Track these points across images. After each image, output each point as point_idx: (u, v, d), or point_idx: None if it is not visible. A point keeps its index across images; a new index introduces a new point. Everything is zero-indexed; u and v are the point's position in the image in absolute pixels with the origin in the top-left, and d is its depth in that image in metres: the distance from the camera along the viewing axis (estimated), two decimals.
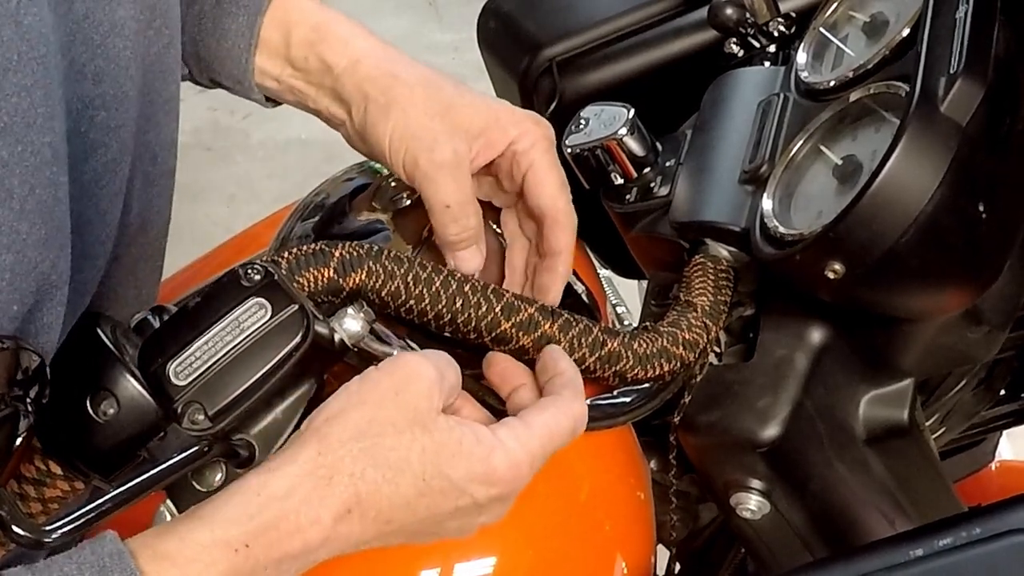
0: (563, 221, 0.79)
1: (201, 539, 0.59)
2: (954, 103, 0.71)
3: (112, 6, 0.66)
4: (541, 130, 0.80)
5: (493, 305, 0.73)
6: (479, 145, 0.78)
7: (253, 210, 1.81)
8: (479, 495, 0.65)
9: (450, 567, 0.79)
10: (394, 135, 0.77)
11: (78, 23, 0.63)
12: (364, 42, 0.81)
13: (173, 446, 0.62)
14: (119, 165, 0.68)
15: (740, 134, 0.88)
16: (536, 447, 0.67)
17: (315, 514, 0.61)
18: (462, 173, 0.76)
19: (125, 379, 0.62)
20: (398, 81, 0.78)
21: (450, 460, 0.64)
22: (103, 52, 0.65)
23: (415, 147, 0.76)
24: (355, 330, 0.69)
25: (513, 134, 0.78)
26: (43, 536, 0.56)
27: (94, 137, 0.66)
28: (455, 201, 0.76)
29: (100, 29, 0.65)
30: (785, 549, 0.87)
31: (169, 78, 0.74)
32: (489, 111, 0.79)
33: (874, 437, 0.84)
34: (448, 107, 0.78)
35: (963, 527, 0.69)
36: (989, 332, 0.85)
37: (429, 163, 0.76)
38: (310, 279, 0.68)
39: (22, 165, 0.56)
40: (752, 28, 0.98)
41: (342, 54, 0.80)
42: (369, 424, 0.63)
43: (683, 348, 0.79)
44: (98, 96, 0.65)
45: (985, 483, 1.20)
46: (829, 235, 0.73)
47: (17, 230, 0.56)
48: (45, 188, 0.58)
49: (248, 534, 0.59)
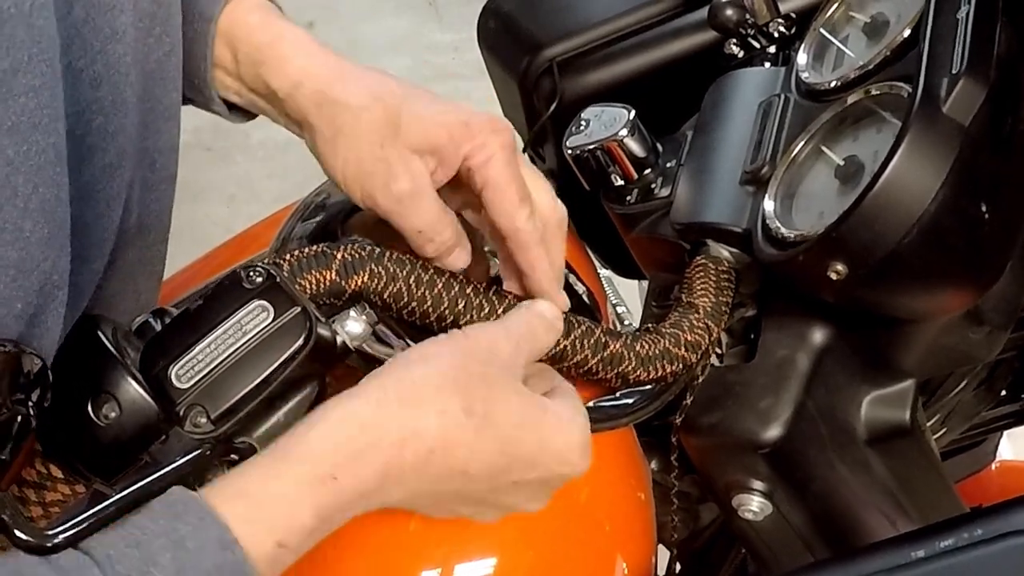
0: (524, 239, 0.74)
1: (288, 474, 0.58)
2: (956, 103, 0.71)
3: (112, 13, 0.65)
4: (498, 139, 0.73)
5: (496, 307, 0.73)
6: (433, 163, 0.74)
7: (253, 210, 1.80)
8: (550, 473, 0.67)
9: (450, 567, 0.79)
10: (347, 171, 0.74)
11: (77, 27, 0.63)
12: (304, 61, 0.76)
13: (175, 449, 0.62)
14: (117, 170, 0.68)
15: (741, 135, 0.88)
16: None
17: (399, 448, 0.60)
18: (424, 197, 0.73)
19: (127, 382, 0.62)
20: (339, 107, 0.74)
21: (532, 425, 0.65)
22: (102, 58, 0.65)
23: (370, 183, 0.73)
24: (357, 332, 0.69)
25: (466, 149, 0.73)
26: (45, 540, 0.56)
27: (91, 141, 0.66)
28: (425, 225, 0.73)
29: (99, 35, 0.65)
30: (786, 550, 0.87)
31: (170, 85, 0.73)
32: (440, 127, 0.73)
33: (876, 438, 0.84)
34: (396, 128, 0.73)
35: (964, 528, 0.69)
36: (990, 333, 0.85)
37: (387, 198, 0.72)
38: (312, 281, 0.68)
39: (27, 164, 0.56)
40: (752, 29, 0.98)
41: (284, 77, 0.76)
42: (461, 371, 0.64)
43: (685, 349, 0.79)
44: (96, 101, 0.65)
45: (986, 483, 1.20)
46: (831, 236, 0.73)
47: (21, 228, 0.57)
48: (48, 188, 0.58)
49: (336, 466, 0.59)
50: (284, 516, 0.58)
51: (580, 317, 0.77)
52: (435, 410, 0.62)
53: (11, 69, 0.55)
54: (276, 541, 0.58)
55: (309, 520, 0.59)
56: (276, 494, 0.58)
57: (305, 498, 0.58)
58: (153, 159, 0.73)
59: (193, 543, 0.55)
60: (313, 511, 0.59)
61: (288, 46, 0.77)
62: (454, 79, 0.96)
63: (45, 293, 0.59)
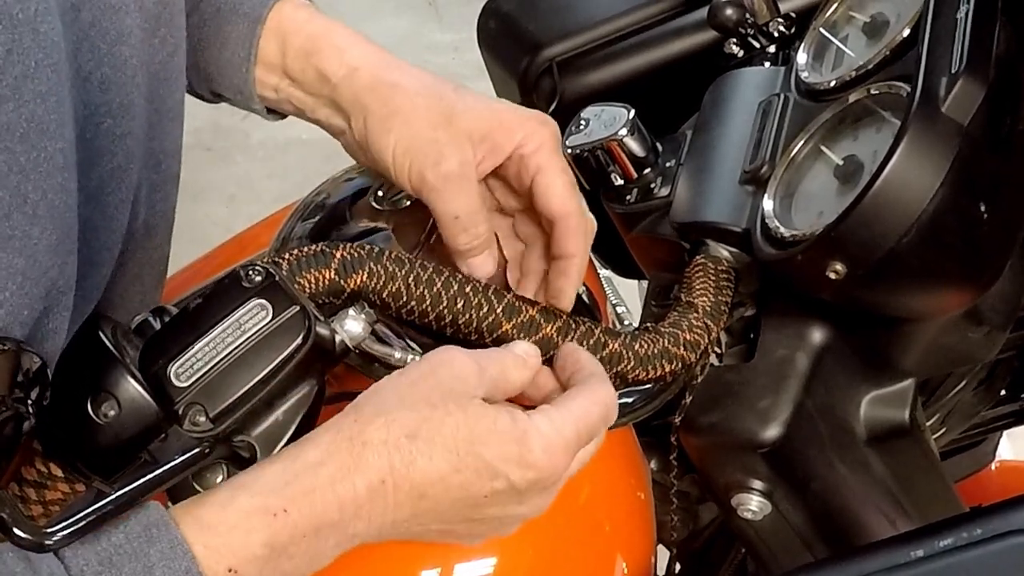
0: (574, 224, 0.76)
1: (241, 506, 0.60)
2: (955, 103, 0.71)
3: (119, 15, 0.65)
4: (548, 130, 0.78)
5: (494, 306, 0.73)
6: (484, 150, 0.76)
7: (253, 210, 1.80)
8: (515, 477, 0.64)
9: (450, 567, 0.79)
10: (397, 148, 0.76)
11: (84, 31, 0.63)
12: (361, 50, 0.79)
13: (174, 448, 0.62)
14: (125, 173, 0.68)
15: (740, 134, 0.88)
16: (570, 432, 0.66)
17: (350, 481, 0.61)
18: (469, 183, 0.75)
19: (126, 381, 0.62)
20: (398, 91, 0.77)
21: (484, 437, 0.64)
22: (109, 60, 0.65)
23: (420, 161, 0.75)
24: (356, 331, 0.69)
25: (519, 137, 0.77)
26: (44, 539, 0.56)
27: (100, 144, 0.66)
28: (464, 212, 0.75)
29: (107, 37, 0.65)
30: (786, 550, 0.87)
31: (174, 86, 0.73)
32: (493, 115, 0.77)
33: (875, 437, 0.84)
34: (451, 115, 0.76)
35: (964, 528, 0.69)
36: (990, 332, 0.85)
37: (436, 176, 0.74)
38: (311, 280, 0.68)
39: (36, 171, 0.56)
40: (752, 28, 0.98)
41: (339, 63, 0.79)
42: (403, 398, 0.64)
43: (684, 349, 0.79)
44: (104, 104, 0.65)
45: (985, 483, 1.20)
46: (830, 235, 0.73)
47: (29, 235, 0.57)
48: (57, 194, 0.58)
49: (286, 499, 0.60)
50: (237, 545, 0.59)
51: (579, 317, 0.77)
52: (378, 441, 0.62)
53: (21, 75, 0.55)
54: (227, 567, 0.59)
55: (260, 550, 0.60)
56: (230, 523, 0.60)
57: (256, 529, 0.60)
58: (159, 160, 0.74)
59: (161, 573, 0.57)
60: (264, 542, 0.60)
61: (341, 37, 0.80)
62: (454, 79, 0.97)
63: (51, 298, 0.60)
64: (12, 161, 0.55)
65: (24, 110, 0.55)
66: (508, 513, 0.67)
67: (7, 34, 0.54)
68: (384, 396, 0.64)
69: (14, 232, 0.56)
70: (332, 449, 0.62)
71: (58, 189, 0.58)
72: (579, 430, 0.67)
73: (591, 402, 0.68)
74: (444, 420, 0.63)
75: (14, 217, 0.56)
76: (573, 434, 0.66)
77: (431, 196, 0.75)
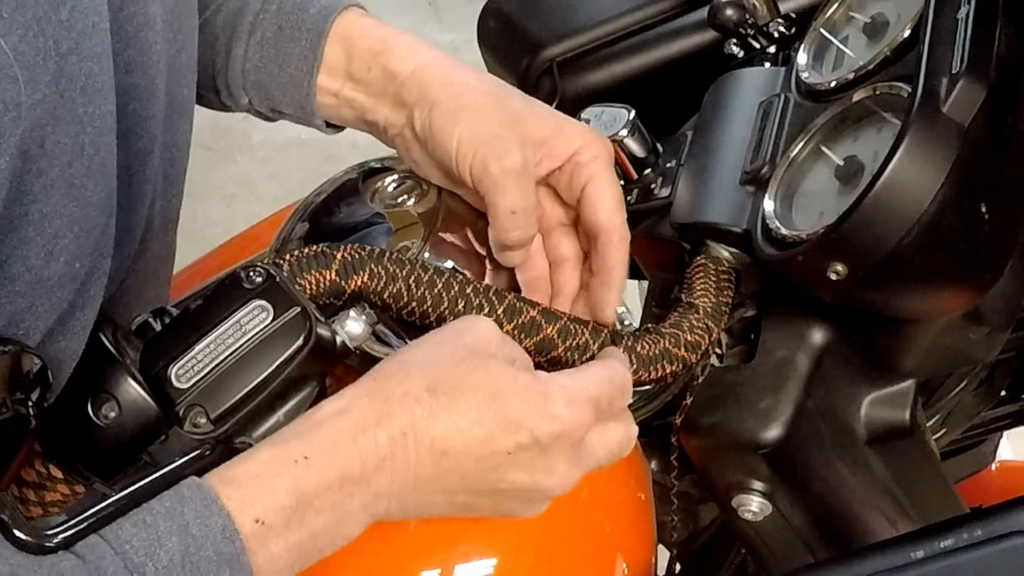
0: (618, 238, 0.79)
1: (262, 455, 0.60)
2: (956, 104, 0.71)
3: (145, 2, 0.68)
4: (604, 145, 0.81)
5: (495, 307, 0.72)
6: (542, 153, 0.79)
7: (253, 210, 1.80)
8: (539, 431, 0.64)
9: (450, 567, 0.79)
10: (463, 138, 0.77)
11: (114, 13, 0.64)
12: (430, 52, 0.82)
13: (175, 449, 0.62)
14: (149, 156, 0.70)
15: (741, 135, 0.88)
16: (592, 389, 0.67)
17: (371, 433, 0.61)
18: (528, 180, 0.77)
19: (126, 382, 0.62)
20: (468, 87, 0.79)
21: (506, 391, 0.64)
22: (136, 43, 0.67)
23: (485, 152, 0.76)
24: (357, 332, 0.69)
25: (576, 145, 0.79)
26: (44, 540, 0.56)
27: (125, 126, 0.67)
28: (521, 207, 0.76)
29: (133, 21, 0.67)
30: (786, 550, 0.87)
31: (184, 80, 0.75)
32: (555, 122, 0.80)
33: (876, 438, 0.84)
34: (517, 116, 0.78)
35: (964, 529, 0.69)
36: (990, 333, 0.85)
37: (499, 169, 0.76)
38: (312, 281, 0.68)
39: (92, 125, 0.59)
40: (752, 29, 0.98)
41: (408, 61, 0.80)
42: (427, 354, 0.65)
43: (685, 350, 0.79)
44: (130, 86, 0.67)
45: (985, 484, 1.20)
46: (831, 236, 0.73)
47: (85, 186, 0.59)
48: (107, 153, 0.61)
49: (307, 445, 0.60)
50: (262, 493, 0.59)
51: (581, 318, 0.77)
52: (399, 394, 0.62)
53: (81, 32, 0.58)
54: (254, 517, 0.59)
55: (285, 498, 0.59)
56: (252, 473, 0.60)
57: (278, 475, 0.60)
58: (172, 154, 0.75)
59: (198, 529, 0.57)
60: (288, 489, 0.59)
61: (410, 39, 0.83)
62: None
63: (95, 259, 0.61)
64: (74, 111, 0.58)
65: (84, 65, 0.58)
66: (535, 480, 0.66)
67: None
68: (408, 354, 0.65)
69: (73, 181, 0.58)
70: (354, 401, 0.62)
71: (107, 148, 0.61)
72: (600, 387, 0.68)
73: (610, 370, 0.70)
74: (467, 375, 0.64)
75: (75, 166, 0.58)
76: (595, 389, 0.67)
77: (492, 188, 0.76)
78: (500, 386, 0.64)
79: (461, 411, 0.63)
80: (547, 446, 0.65)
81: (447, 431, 0.62)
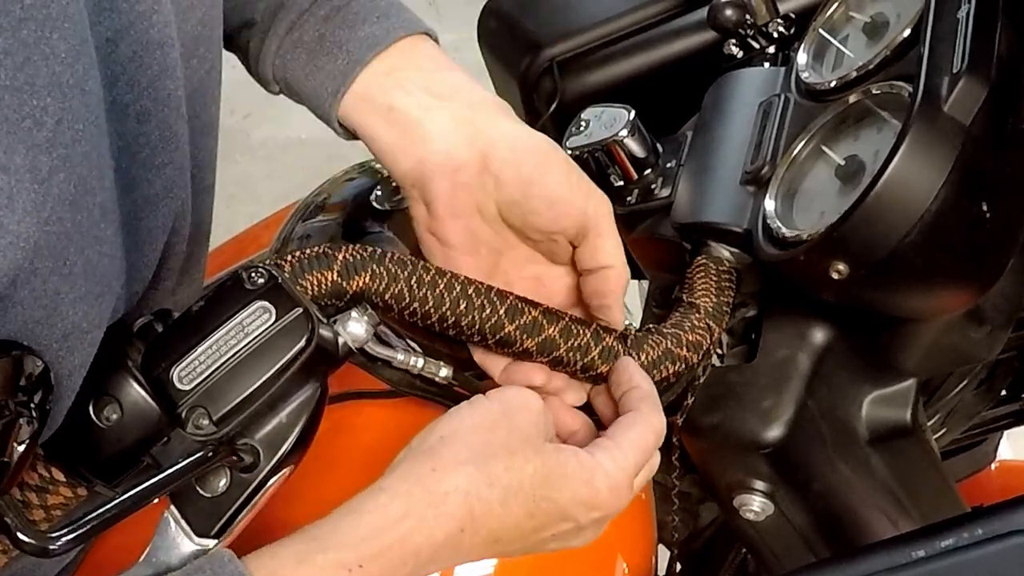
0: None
1: (316, 561, 0.60)
2: (957, 103, 0.71)
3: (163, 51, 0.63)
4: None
5: (497, 307, 0.72)
6: None
7: (253, 210, 1.80)
8: (582, 518, 0.67)
9: (450, 567, 0.79)
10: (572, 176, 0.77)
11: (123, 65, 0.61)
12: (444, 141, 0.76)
13: (177, 451, 0.62)
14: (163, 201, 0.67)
15: (741, 135, 0.88)
16: (631, 466, 0.69)
17: (429, 532, 0.62)
18: None
19: (128, 384, 0.61)
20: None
21: (558, 483, 0.65)
22: (151, 94, 0.63)
23: None
24: (359, 333, 0.68)
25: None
26: (48, 543, 0.55)
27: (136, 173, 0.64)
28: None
29: (148, 72, 0.63)
30: (788, 550, 0.87)
31: (209, 100, 0.72)
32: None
33: (877, 437, 0.84)
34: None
35: (965, 528, 0.69)
36: (991, 332, 0.85)
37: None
38: (314, 282, 0.68)
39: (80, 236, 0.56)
40: (751, 29, 0.98)
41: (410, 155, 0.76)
42: (484, 446, 0.65)
43: (687, 349, 0.79)
44: (142, 135, 0.64)
45: (985, 483, 1.20)
46: (833, 235, 0.73)
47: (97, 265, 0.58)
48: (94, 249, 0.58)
49: (363, 556, 0.60)
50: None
51: (582, 319, 0.77)
52: (460, 491, 0.63)
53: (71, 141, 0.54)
54: None
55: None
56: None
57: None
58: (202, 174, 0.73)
59: None
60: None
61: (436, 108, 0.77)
62: None
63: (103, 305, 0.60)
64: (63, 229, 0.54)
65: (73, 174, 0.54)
66: (576, 539, 0.69)
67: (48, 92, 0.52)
68: (463, 444, 0.65)
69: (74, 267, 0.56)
70: (412, 501, 0.62)
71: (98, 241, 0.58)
72: (638, 461, 0.69)
73: (648, 429, 0.70)
74: (523, 468, 0.65)
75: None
76: (634, 467, 0.69)
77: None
78: (552, 478, 0.65)
79: (516, 504, 0.64)
80: (587, 526, 0.68)
81: (503, 524, 0.64)
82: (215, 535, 0.63)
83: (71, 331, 0.57)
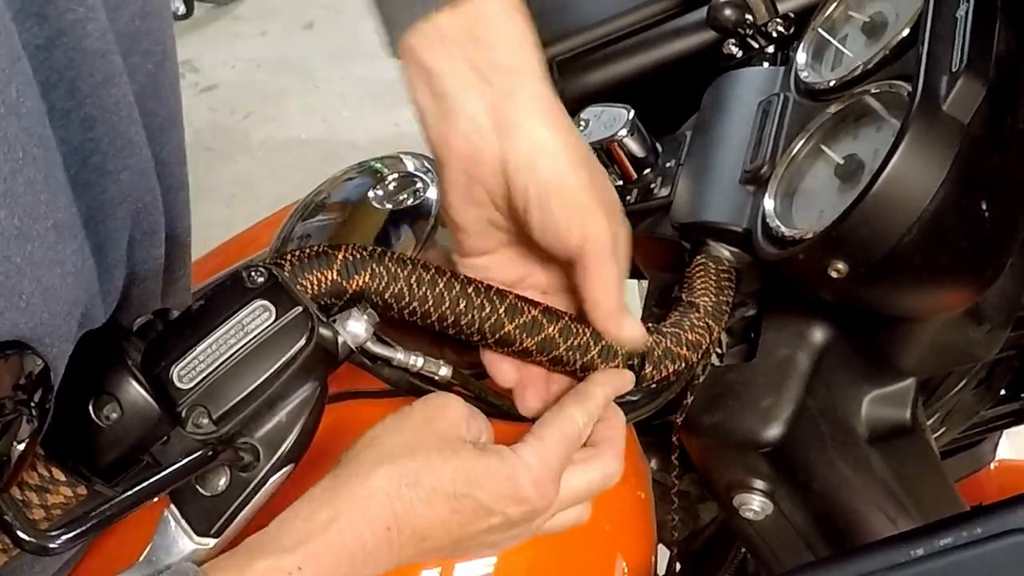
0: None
1: (257, 567, 0.61)
2: (956, 102, 0.71)
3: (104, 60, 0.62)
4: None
5: (496, 307, 0.72)
6: None
7: (253, 210, 1.80)
8: (511, 512, 0.68)
9: (450, 567, 0.80)
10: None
11: (60, 72, 0.60)
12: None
13: (177, 450, 0.62)
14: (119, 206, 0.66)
15: (740, 134, 0.88)
16: (552, 457, 0.69)
17: (358, 533, 0.63)
18: None
19: (128, 383, 0.61)
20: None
21: (479, 480, 0.66)
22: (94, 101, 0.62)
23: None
24: (359, 332, 0.69)
25: None
26: (48, 542, 0.56)
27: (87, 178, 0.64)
28: None
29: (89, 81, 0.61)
30: (787, 549, 0.87)
31: (164, 95, 0.70)
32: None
33: (876, 436, 0.84)
34: None
35: (964, 527, 0.70)
36: (990, 331, 0.85)
37: None
38: (313, 281, 0.68)
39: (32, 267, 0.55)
40: (751, 29, 0.98)
41: None
42: (403, 448, 0.66)
43: (686, 349, 0.79)
44: (90, 140, 0.63)
45: (985, 483, 1.21)
46: (832, 234, 0.73)
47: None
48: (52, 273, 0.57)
49: (300, 559, 0.61)
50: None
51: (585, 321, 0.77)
52: (381, 491, 0.64)
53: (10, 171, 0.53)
54: None
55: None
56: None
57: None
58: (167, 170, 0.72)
59: None
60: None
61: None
62: None
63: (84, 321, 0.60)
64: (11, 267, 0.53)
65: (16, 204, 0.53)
66: (508, 536, 0.70)
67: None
68: (384, 447, 0.66)
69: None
70: (338, 506, 0.63)
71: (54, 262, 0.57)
72: (560, 454, 0.70)
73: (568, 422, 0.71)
74: (443, 468, 0.65)
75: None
76: (555, 459, 0.69)
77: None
78: (472, 476, 0.66)
79: (439, 502, 0.65)
80: (517, 521, 0.69)
81: (428, 522, 0.65)
82: (215, 534, 0.64)
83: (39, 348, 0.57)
